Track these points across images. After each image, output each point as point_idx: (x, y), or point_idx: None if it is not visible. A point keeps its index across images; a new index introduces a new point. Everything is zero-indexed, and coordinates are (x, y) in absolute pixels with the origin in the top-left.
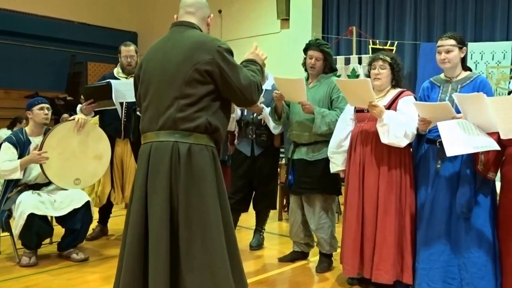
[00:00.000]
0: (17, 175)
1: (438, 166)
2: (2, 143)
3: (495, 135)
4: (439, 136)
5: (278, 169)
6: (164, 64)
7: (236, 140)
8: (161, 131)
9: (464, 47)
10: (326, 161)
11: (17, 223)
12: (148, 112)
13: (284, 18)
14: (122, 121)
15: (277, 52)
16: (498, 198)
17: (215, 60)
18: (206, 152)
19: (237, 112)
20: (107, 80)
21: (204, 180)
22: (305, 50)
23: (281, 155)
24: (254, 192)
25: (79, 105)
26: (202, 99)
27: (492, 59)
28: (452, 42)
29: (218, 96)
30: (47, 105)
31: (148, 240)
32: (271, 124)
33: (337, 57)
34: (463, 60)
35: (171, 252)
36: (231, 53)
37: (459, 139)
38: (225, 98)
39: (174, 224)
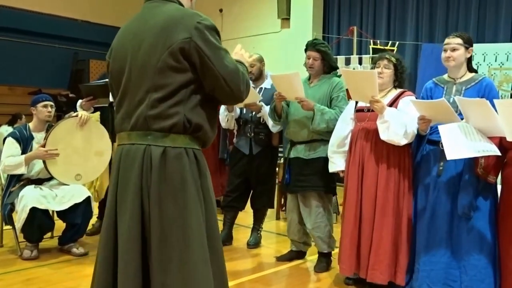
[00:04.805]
0: (22, 170)
1: (441, 168)
2: (6, 138)
3: (496, 140)
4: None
5: (277, 168)
6: (134, 48)
7: (235, 139)
8: (133, 131)
9: (471, 48)
10: (322, 160)
11: (20, 217)
12: (122, 107)
13: (285, 17)
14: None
15: (277, 51)
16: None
17: (192, 39)
18: (185, 157)
19: (236, 110)
20: (106, 80)
21: (182, 190)
22: (305, 51)
23: (279, 154)
24: (251, 191)
25: (79, 101)
26: (178, 91)
27: (495, 61)
28: (459, 40)
29: (199, 87)
30: (51, 103)
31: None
32: (270, 123)
33: (338, 57)
34: (469, 61)
35: (143, 277)
36: (215, 31)
37: (460, 143)
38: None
39: (145, 244)
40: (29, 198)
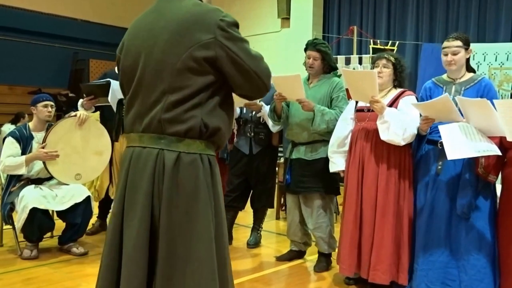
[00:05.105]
0: (22, 171)
1: (439, 167)
2: (5, 137)
3: (496, 139)
4: (440, 137)
5: (276, 168)
6: (149, 45)
7: (235, 138)
8: (145, 133)
9: (470, 48)
10: (324, 160)
11: (20, 217)
12: (133, 107)
13: (285, 17)
14: (121, 116)
15: (277, 51)
16: (498, 200)
17: (217, 39)
18: (200, 164)
19: (236, 110)
20: (107, 79)
21: (195, 198)
22: (305, 50)
23: (279, 154)
24: (251, 190)
25: (80, 100)
26: (197, 94)
27: (495, 60)
28: (459, 43)
29: (218, 88)
30: (51, 103)
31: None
32: (270, 122)
33: (338, 56)
34: (468, 61)
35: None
36: (236, 26)
37: (461, 143)
38: (227, 91)
39: (152, 251)
40: (29, 198)
